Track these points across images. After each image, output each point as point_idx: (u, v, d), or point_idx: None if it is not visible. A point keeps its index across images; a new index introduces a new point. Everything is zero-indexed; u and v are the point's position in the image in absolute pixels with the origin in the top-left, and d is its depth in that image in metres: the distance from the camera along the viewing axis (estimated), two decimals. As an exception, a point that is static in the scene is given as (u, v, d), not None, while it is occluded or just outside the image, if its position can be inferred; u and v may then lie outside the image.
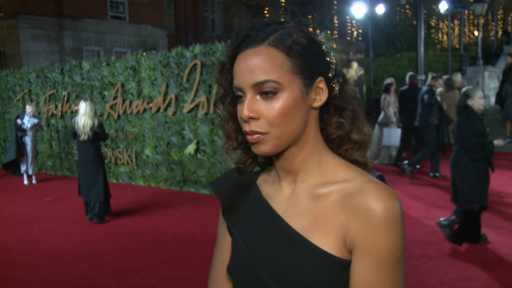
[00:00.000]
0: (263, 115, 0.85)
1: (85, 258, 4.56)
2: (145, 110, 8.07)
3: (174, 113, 7.63)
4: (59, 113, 9.68)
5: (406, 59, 19.41)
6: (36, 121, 8.75)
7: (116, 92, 8.50)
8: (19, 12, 17.36)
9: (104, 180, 5.84)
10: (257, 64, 0.84)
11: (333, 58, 0.91)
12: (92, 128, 5.65)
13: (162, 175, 7.97)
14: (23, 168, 8.96)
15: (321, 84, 0.88)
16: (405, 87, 8.72)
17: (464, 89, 4.49)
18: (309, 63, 0.86)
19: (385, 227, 0.79)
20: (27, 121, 8.65)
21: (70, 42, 18.57)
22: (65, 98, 9.53)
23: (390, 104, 9.00)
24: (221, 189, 0.97)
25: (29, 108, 8.67)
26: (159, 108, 7.85)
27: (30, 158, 8.76)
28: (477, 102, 4.25)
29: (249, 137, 0.87)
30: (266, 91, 0.84)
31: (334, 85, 0.90)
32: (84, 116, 5.64)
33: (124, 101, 8.40)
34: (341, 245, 0.83)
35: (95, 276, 4.09)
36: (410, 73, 9.01)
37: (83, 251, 4.76)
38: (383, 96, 9.16)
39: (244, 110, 0.85)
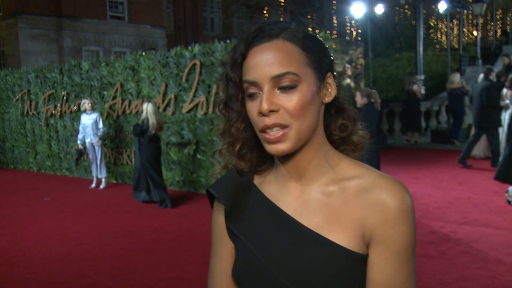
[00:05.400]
0: (283, 107, 0.83)
1: (84, 258, 4.55)
2: (144, 110, 8.06)
3: (173, 113, 7.62)
4: (59, 113, 9.67)
5: (405, 59, 19.45)
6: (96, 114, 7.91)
7: (115, 92, 8.49)
8: (18, 12, 17.35)
9: None
10: (275, 57, 0.83)
11: (334, 59, 0.92)
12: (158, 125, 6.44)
13: (161, 175, 7.96)
14: (94, 171, 8.17)
15: (330, 79, 0.89)
16: None
17: None
18: (320, 58, 0.87)
19: (401, 220, 0.82)
20: (93, 119, 7.76)
21: (69, 42, 18.56)
22: (64, 98, 9.52)
23: None
24: (224, 192, 0.94)
25: (86, 102, 7.82)
26: (158, 108, 7.84)
27: (99, 160, 8.03)
28: None
29: (268, 136, 0.84)
30: (284, 86, 0.82)
31: (337, 84, 0.91)
32: (154, 114, 6.39)
33: (123, 101, 8.40)
34: (360, 240, 0.84)
35: (95, 276, 4.08)
36: None
37: (82, 251, 4.76)
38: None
39: (264, 104, 0.82)
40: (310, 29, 0.93)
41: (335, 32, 22.55)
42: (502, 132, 8.33)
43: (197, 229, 5.36)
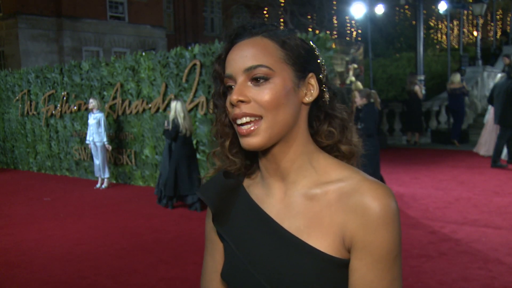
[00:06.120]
0: (254, 99, 0.84)
1: (84, 258, 4.55)
2: (144, 110, 8.07)
3: (173, 113, 7.62)
4: (59, 113, 9.67)
5: (405, 59, 19.43)
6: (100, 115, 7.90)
7: (115, 92, 8.49)
8: (18, 12, 17.34)
9: None
10: (250, 51, 0.85)
11: (324, 65, 0.92)
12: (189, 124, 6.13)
13: (161, 175, 7.95)
14: (96, 171, 8.25)
15: (312, 80, 0.89)
16: None
17: None
18: (301, 57, 0.87)
19: (383, 226, 0.80)
20: (96, 119, 7.84)
21: (69, 42, 18.56)
22: (64, 98, 9.52)
23: None
24: (210, 195, 0.94)
25: (93, 102, 7.82)
26: (158, 108, 7.85)
27: (101, 160, 8.05)
28: None
29: (240, 129, 0.85)
30: (257, 77, 0.83)
31: (324, 88, 0.91)
32: (182, 113, 6.05)
33: (123, 101, 8.40)
34: (340, 245, 0.83)
35: (95, 276, 4.08)
36: None
37: (82, 251, 4.76)
38: None
39: (233, 94, 0.84)
40: (310, 29, 0.93)
41: (335, 32, 22.56)
42: None
43: (197, 229, 5.36)
